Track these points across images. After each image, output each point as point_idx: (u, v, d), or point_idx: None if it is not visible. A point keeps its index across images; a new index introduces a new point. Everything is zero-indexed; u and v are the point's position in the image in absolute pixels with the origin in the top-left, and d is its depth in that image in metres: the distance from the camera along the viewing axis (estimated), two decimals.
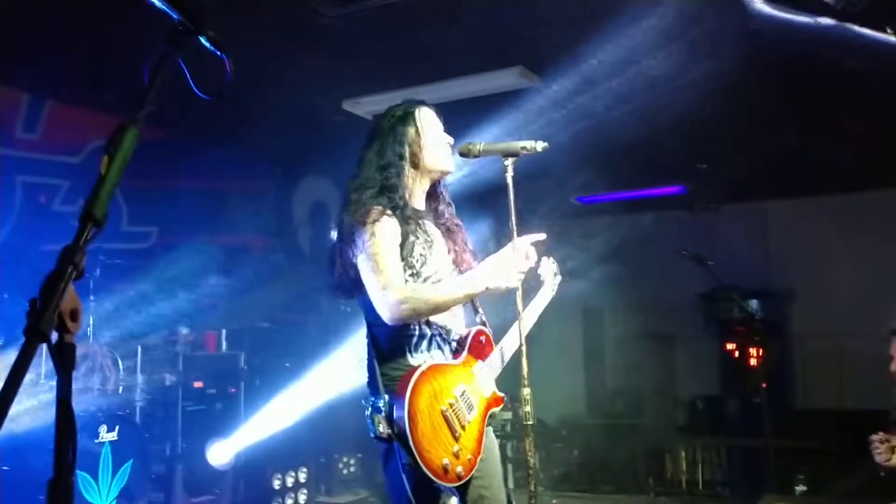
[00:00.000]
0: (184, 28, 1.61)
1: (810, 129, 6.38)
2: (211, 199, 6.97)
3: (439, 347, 2.68)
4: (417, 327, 2.65)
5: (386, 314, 2.54)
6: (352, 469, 7.15)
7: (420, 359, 2.62)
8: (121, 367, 5.12)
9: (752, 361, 7.75)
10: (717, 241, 7.92)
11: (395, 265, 2.58)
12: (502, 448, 7.63)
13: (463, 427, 2.57)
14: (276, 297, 6.90)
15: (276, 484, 6.12)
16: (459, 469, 2.51)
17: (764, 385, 7.16)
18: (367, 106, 6.11)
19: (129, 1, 3.56)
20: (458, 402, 2.58)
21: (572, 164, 6.70)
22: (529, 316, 3.05)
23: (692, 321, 8.85)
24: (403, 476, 2.54)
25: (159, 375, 5.71)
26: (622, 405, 8.98)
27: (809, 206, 8.59)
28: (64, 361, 1.18)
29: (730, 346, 8.31)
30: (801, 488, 6.05)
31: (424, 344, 2.65)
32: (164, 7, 1.62)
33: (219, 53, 1.64)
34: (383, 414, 2.50)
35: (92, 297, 4.94)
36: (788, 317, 8.65)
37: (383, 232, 2.58)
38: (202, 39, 1.63)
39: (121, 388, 5.12)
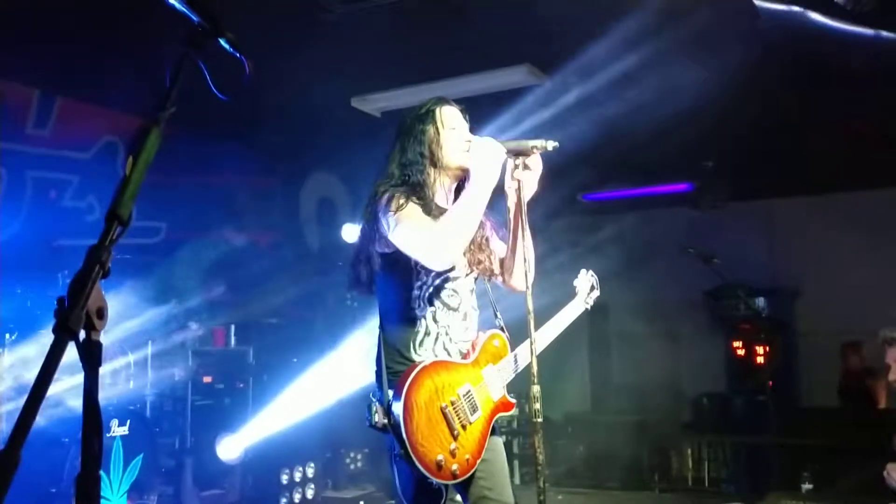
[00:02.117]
0: (203, 30, 1.63)
1: (817, 127, 6.39)
2: (219, 195, 6.99)
3: (445, 347, 2.69)
4: (424, 324, 2.66)
5: (437, 260, 2.52)
6: (359, 464, 7.18)
7: (424, 356, 2.64)
8: (132, 361, 5.15)
9: (759, 359, 7.76)
10: (723, 239, 7.93)
11: (428, 220, 2.57)
12: (508, 445, 7.73)
13: (464, 427, 2.58)
14: (284, 292, 6.92)
15: (284, 478, 6.17)
16: (455, 467, 2.52)
17: (770, 383, 7.19)
18: (374, 102, 6.14)
19: None
20: (460, 401, 2.60)
21: (579, 161, 6.71)
22: (555, 327, 3.06)
23: (698, 318, 8.88)
24: (395, 467, 2.58)
25: (168, 370, 5.74)
26: (628, 402, 8.99)
27: (816, 204, 8.59)
28: (91, 359, 1.20)
29: (736, 344, 8.33)
30: (806, 486, 6.07)
31: (430, 342, 2.66)
32: (183, 9, 1.64)
33: (237, 55, 1.66)
34: (382, 404, 2.54)
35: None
36: (794, 315, 8.66)
37: (411, 207, 2.59)
38: (221, 41, 1.65)
39: (131, 383, 5.15)
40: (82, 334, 1.18)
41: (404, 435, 2.43)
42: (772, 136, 6.78)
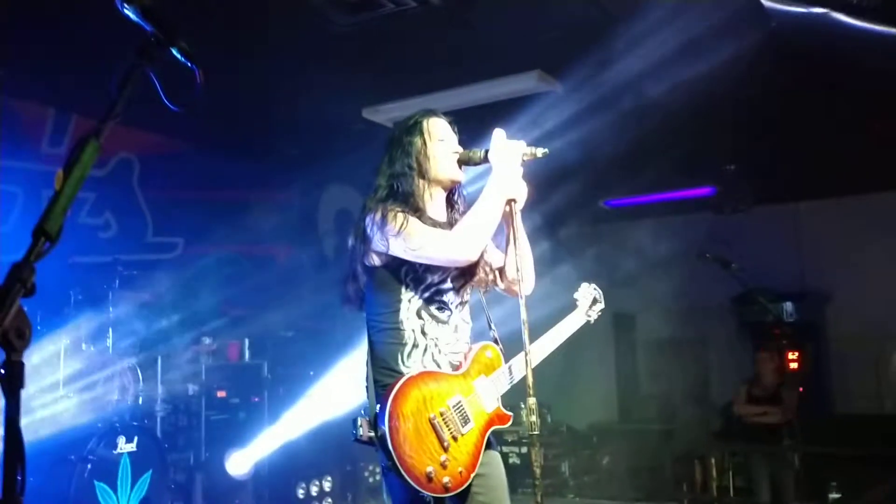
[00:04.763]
0: (156, 40, 1.60)
1: (841, 127, 6.24)
2: (236, 209, 7.01)
3: (434, 359, 2.63)
4: (413, 337, 2.61)
5: (457, 255, 2.55)
6: (378, 477, 7.10)
7: (413, 368, 2.58)
8: (140, 377, 5.13)
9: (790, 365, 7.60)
10: (748, 243, 7.79)
11: (428, 226, 2.58)
12: (527, 455, 7.60)
13: (455, 438, 2.51)
14: (301, 305, 6.90)
15: (301, 493, 6.11)
16: (447, 480, 2.45)
17: (800, 389, 7.01)
18: (386, 113, 6.11)
19: None
20: (450, 412, 2.53)
21: (599, 167, 6.62)
22: (552, 340, 2.94)
23: (726, 325, 8.72)
24: (385, 481, 2.53)
25: (182, 385, 5.72)
26: (654, 411, 8.86)
27: (842, 206, 8.40)
28: (11, 381, 1.15)
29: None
30: (833, 495, 5.90)
31: (418, 354, 2.60)
32: (137, 20, 1.62)
33: (189, 65, 1.62)
34: (368, 416, 2.49)
35: (111, 308, 4.97)
36: (824, 320, 8.47)
37: (411, 219, 2.56)
38: (173, 51, 1.62)
39: (141, 399, 5.13)
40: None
41: (391, 446, 2.38)
42: (795, 138, 6.64)
